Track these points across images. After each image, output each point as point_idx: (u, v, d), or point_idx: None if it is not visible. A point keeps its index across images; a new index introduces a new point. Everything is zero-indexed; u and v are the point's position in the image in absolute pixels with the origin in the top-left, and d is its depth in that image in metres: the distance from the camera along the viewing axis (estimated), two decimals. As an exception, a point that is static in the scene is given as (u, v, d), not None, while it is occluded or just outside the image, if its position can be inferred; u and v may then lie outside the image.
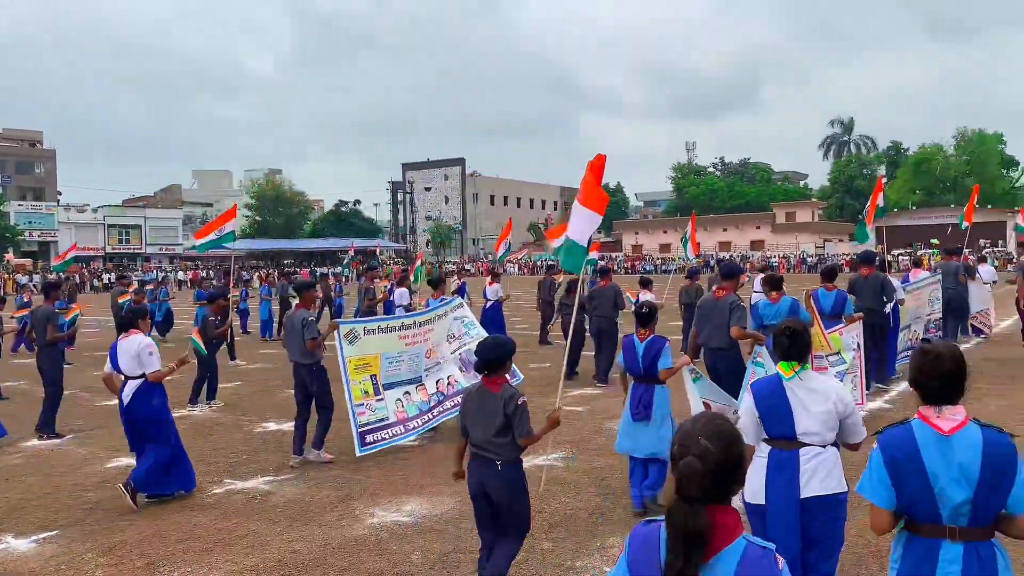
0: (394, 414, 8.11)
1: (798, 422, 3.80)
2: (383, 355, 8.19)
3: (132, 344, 6.74)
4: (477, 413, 4.46)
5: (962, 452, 2.71)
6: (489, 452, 4.38)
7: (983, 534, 2.72)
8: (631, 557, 2.10)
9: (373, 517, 6.18)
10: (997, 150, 77.31)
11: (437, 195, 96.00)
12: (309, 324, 7.89)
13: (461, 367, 9.00)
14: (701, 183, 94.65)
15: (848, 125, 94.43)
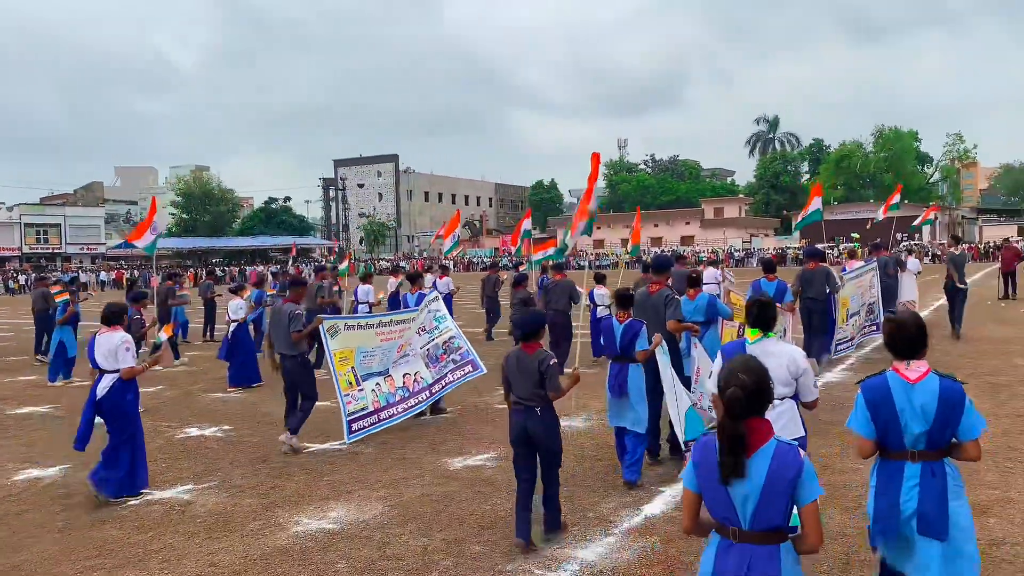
0: (372, 403, 8.52)
1: None
2: (358, 349, 8.55)
3: (112, 340, 6.80)
4: (517, 372, 5.41)
5: (923, 395, 3.53)
6: (531, 401, 5.36)
7: (936, 456, 3.57)
8: (696, 459, 2.96)
9: (297, 525, 5.96)
10: (913, 147, 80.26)
11: (370, 192, 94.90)
12: (295, 317, 8.27)
13: (427, 363, 9.23)
14: (633, 180, 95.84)
15: (773, 123, 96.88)
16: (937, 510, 3.50)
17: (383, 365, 8.77)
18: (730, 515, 2.89)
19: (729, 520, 2.90)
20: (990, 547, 5.07)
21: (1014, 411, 8.62)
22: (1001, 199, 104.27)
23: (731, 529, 2.90)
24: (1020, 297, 21.95)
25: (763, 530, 2.86)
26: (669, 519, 5.78)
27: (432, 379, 9.17)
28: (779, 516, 2.84)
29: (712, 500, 2.93)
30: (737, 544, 2.89)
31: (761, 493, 2.81)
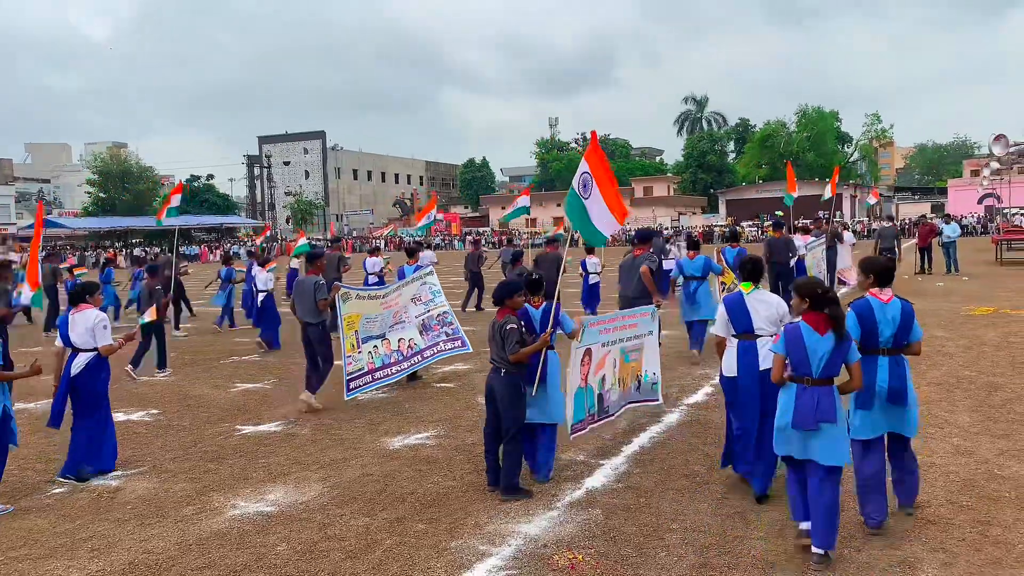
0: (367, 364, 9.02)
1: (754, 321, 5.65)
2: (364, 315, 9.11)
3: (87, 318, 6.83)
4: (489, 335, 5.95)
5: (892, 310, 5.00)
6: (497, 363, 5.86)
7: (897, 351, 5.02)
8: (787, 336, 4.70)
9: (234, 509, 5.81)
10: (834, 127, 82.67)
11: (297, 169, 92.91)
12: (320, 287, 9.02)
13: (421, 331, 9.67)
14: (564, 158, 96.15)
15: (702, 102, 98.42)
16: (901, 385, 4.98)
17: (380, 329, 9.29)
18: (807, 369, 4.62)
19: (807, 371, 4.62)
20: (916, 509, 5.28)
21: (934, 380, 8.99)
22: (916, 178, 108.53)
23: (806, 378, 4.63)
24: (935, 271, 22.91)
25: (825, 377, 4.62)
26: (610, 491, 5.85)
27: (424, 346, 9.61)
28: (836, 369, 4.65)
29: (796, 360, 4.67)
30: (810, 387, 4.62)
31: (830, 354, 4.59)
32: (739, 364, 5.64)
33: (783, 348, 4.71)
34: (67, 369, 6.78)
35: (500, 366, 5.82)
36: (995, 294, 17.19)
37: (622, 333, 6.91)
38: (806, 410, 4.57)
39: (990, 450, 6.46)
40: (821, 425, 4.57)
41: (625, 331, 6.95)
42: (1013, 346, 10.88)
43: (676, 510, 5.45)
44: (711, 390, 9.04)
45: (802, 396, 4.60)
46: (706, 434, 7.23)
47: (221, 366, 12.09)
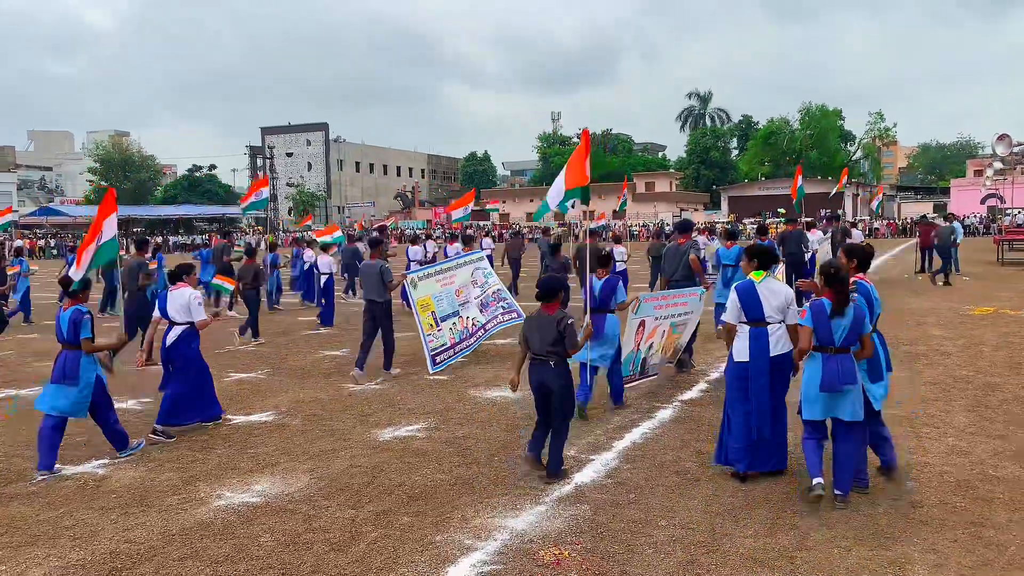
0: (449, 340, 10.22)
1: (765, 309, 5.84)
2: (432, 296, 10.24)
3: (183, 295, 7.68)
4: (536, 329, 6.09)
5: (875, 291, 5.73)
6: (545, 356, 6.01)
7: (848, 350, 5.36)
8: (812, 310, 5.31)
9: (219, 499, 5.76)
10: (837, 125, 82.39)
11: (299, 161, 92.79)
12: (386, 270, 9.92)
13: (480, 309, 10.94)
14: (566, 153, 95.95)
15: (706, 98, 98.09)
16: (877, 361, 5.62)
17: (452, 307, 10.46)
18: (830, 339, 5.29)
19: (830, 341, 5.29)
20: (909, 509, 5.22)
21: (930, 379, 8.92)
22: (918, 177, 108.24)
23: (830, 348, 5.29)
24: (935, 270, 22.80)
25: (845, 346, 5.29)
26: (599, 487, 5.79)
27: (485, 320, 10.89)
28: (855, 339, 5.31)
29: (821, 331, 5.31)
30: (833, 356, 5.29)
31: (850, 326, 5.27)
32: (751, 350, 5.82)
33: (811, 321, 5.34)
34: (164, 340, 7.71)
35: (549, 358, 5.99)
36: (996, 294, 17.10)
37: (674, 309, 8.65)
38: (832, 375, 5.23)
39: (986, 451, 6.39)
40: (845, 387, 5.24)
41: (677, 308, 8.68)
42: (1012, 346, 10.80)
43: (665, 507, 5.39)
44: (705, 387, 8.97)
45: (828, 363, 5.27)
46: (699, 431, 7.17)
47: (217, 355, 12.01)
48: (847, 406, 5.29)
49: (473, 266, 11.12)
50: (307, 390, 9.30)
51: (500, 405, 8.32)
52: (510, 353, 11.28)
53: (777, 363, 5.77)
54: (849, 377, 5.24)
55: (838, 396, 5.28)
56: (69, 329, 6.63)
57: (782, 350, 5.81)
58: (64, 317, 6.68)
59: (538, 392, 6.08)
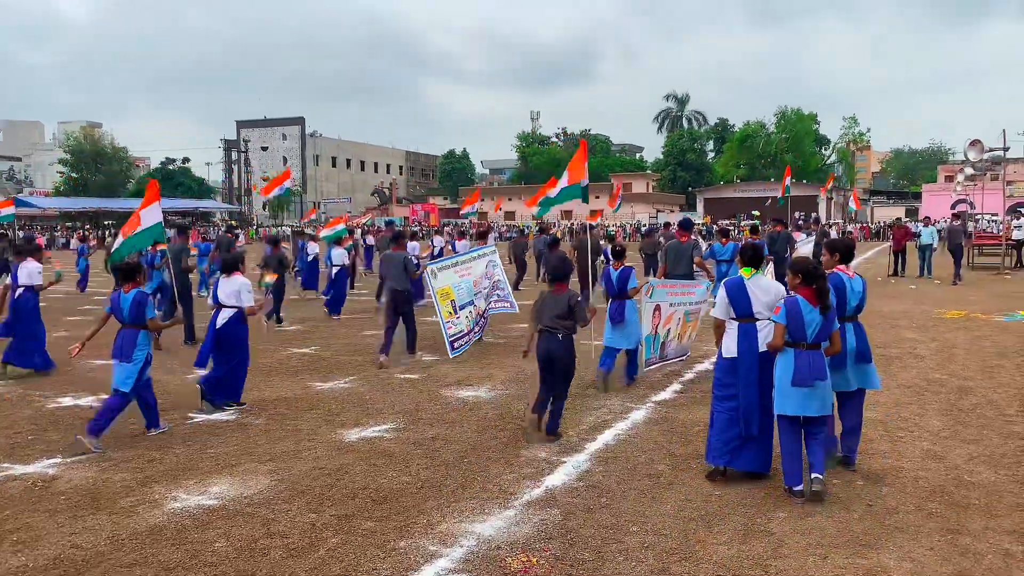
0: (466, 327, 10.81)
1: (754, 305, 5.86)
2: (453, 285, 10.81)
3: (235, 283, 8.18)
4: (547, 305, 6.86)
5: (856, 283, 6.03)
6: (554, 329, 6.76)
7: (857, 318, 6.01)
8: (787, 308, 5.40)
9: (174, 502, 5.52)
10: (812, 129, 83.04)
11: (275, 155, 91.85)
12: (409, 261, 10.79)
13: (485, 299, 11.48)
14: (545, 152, 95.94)
15: (683, 100, 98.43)
16: (865, 347, 6.01)
17: (469, 296, 11.02)
18: (802, 335, 5.40)
19: (802, 338, 5.40)
20: (885, 515, 5.11)
21: (904, 382, 8.87)
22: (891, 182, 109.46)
23: (802, 344, 5.41)
24: (908, 274, 22.96)
25: (816, 342, 5.42)
26: (570, 490, 5.62)
27: (484, 307, 11.45)
28: (825, 336, 5.45)
29: (794, 328, 5.40)
30: (805, 351, 5.40)
31: (820, 324, 5.39)
32: (739, 346, 5.84)
33: (784, 318, 5.41)
34: (212, 322, 8.15)
35: (559, 331, 6.79)
36: (966, 298, 17.20)
37: (684, 298, 9.45)
38: (804, 370, 5.36)
39: (960, 455, 6.32)
40: (816, 382, 5.37)
41: (687, 296, 9.49)
42: (984, 350, 10.81)
43: (637, 511, 5.24)
44: (679, 387, 8.85)
45: (799, 359, 5.38)
46: (672, 433, 7.03)
47: (184, 350, 11.71)
48: (816, 401, 5.42)
49: (487, 259, 11.76)
50: (273, 388, 9.06)
51: (472, 405, 8.14)
52: (483, 353, 11.11)
53: (766, 359, 5.73)
54: (819, 373, 5.38)
55: (810, 392, 5.39)
56: (132, 309, 7.05)
57: None
58: (127, 298, 7.09)
59: (545, 360, 6.80)
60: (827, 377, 5.44)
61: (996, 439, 6.74)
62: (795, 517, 5.10)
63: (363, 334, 13.17)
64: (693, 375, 9.49)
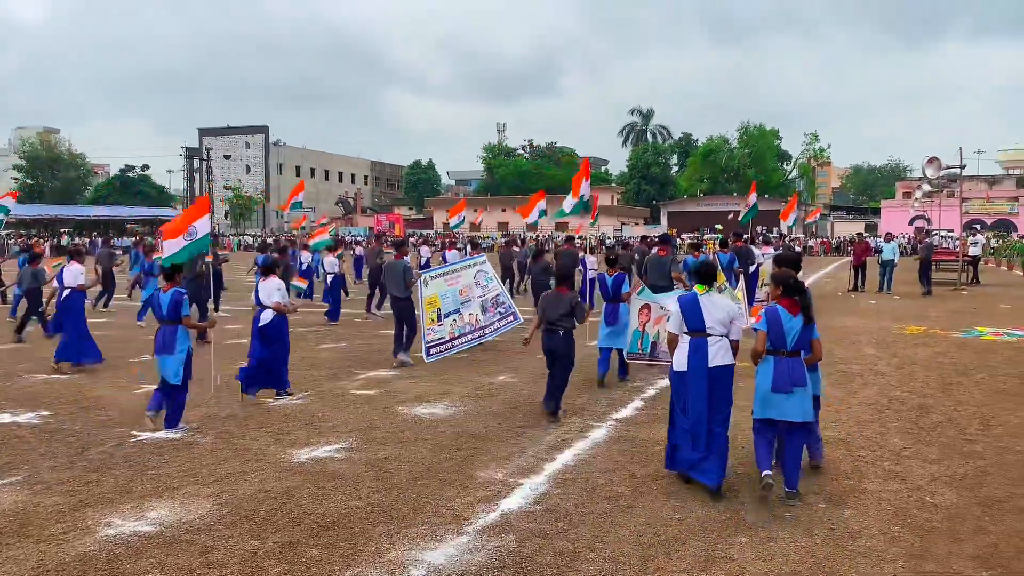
0: (448, 334, 11.15)
1: (706, 320, 5.93)
2: (440, 294, 11.19)
3: (272, 284, 9.12)
4: (551, 305, 7.92)
5: (798, 320, 5.67)
6: (556, 326, 7.88)
7: (798, 354, 5.67)
8: (767, 317, 5.65)
9: (108, 528, 5.21)
10: (774, 145, 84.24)
11: (238, 164, 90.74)
12: (408, 269, 11.37)
13: (483, 309, 11.81)
14: (511, 164, 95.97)
15: (648, 115, 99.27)
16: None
17: (455, 305, 11.38)
18: (782, 343, 5.60)
19: (782, 345, 5.60)
20: (848, 540, 4.99)
21: (866, 400, 8.82)
22: (851, 197, 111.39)
23: (782, 351, 5.60)
24: (868, 289, 23.19)
25: (796, 350, 5.62)
26: (526, 514, 5.42)
27: (485, 323, 11.76)
28: (804, 344, 5.66)
29: (774, 336, 5.62)
30: (784, 358, 5.59)
31: (800, 331, 5.60)
32: (689, 360, 5.91)
33: (765, 326, 5.66)
34: (256, 320, 9.10)
35: (559, 328, 7.90)
36: (925, 313, 17.37)
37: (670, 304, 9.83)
38: (783, 376, 5.54)
39: (922, 475, 6.24)
40: (794, 389, 5.55)
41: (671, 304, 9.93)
42: (943, 366, 10.85)
43: (595, 536, 5.05)
44: (640, 404, 8.71)
45: (779, 366, 5.59)
46: (632, 452, 6.87)
47: (130, 364, 11.32)
48: (796, 407, 5.60)
49: (476, 268, 12.12)
50: (223, 405, 8.72)
51: (428, 423, 7.91)
52: (443, 368, 10.88)
53: (716, 374, 5.85)
54: (799, 379, 5.58)
55: (788, 397, 5.58)
56: (170, 308, 7.71)
57: (721, 361, 5.90)
58: (165, 298, 7.77)
59: (549, 354, 8.01)
60: (806, 384, 5.62)
61: (957, 459, 6.69)
62: (757, 542, 4.96)
63: (319, 347, 12.86)
64: (655, 391, 9.35)
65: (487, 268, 12.29)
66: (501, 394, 9.22)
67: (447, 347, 11.10)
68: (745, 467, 6.42)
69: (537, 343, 8.19)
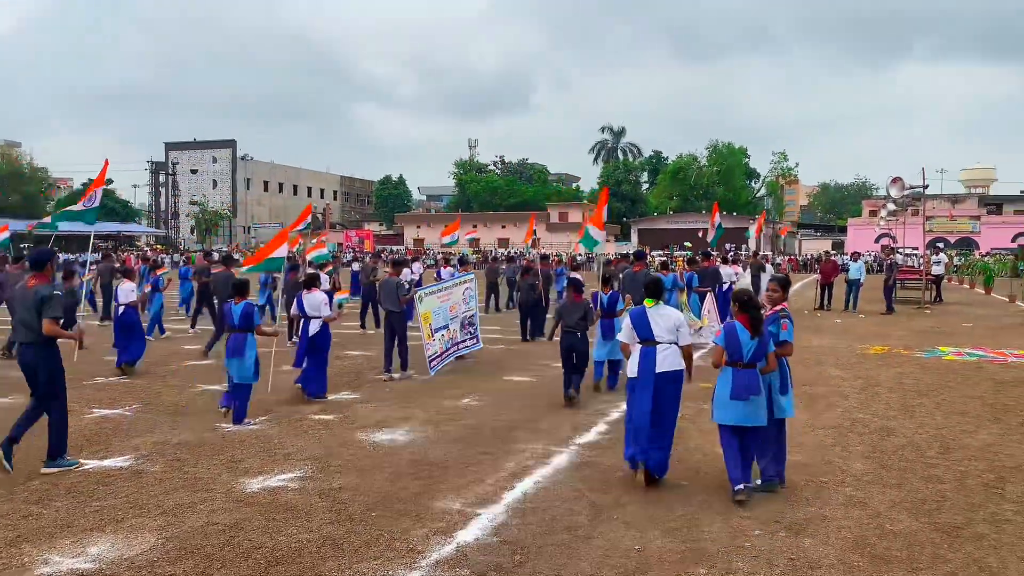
0: (439, 349, 11.81)
1: (654, 330, 6.71)
2: (432, 311, 11.74)
3: (316, 298, 10.17)
4: (568, 310, 9.75)
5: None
6: (574, 328, 9.69)
7: (754, 365, 6.21)
8: (725, 332, 6.29)
9: (45, 566, 4.98)
10: (742, 163, 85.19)
11: (204, 178, 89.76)
12: (400, 286, 11.74)
13: (460, 326, 12.54)
14: (482, 180, 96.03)
15: (619, 133, 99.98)
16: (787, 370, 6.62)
17: (444, 321, 12.01)
18: (739, 355, 6.15)
19: (739, 358, 6.15)
20: (807, 570, 4.92)
21: (829, 423, 8.81)
22: (818, 215, 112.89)
23: (739, 363, 6.14)
24: (834, 307, 23.38)
25: (752, 362, 6.15)
26: (483, 547, 5.28)
27: (459, 339, 12.47)
28: (761, 356, 6.18)
29: (731, 349, 6.18)
30: (741, 370, 6.13)
31: (757, 345, 6.13)
32: (639, 366, 6.67)
33: (723, 341, 6.23)
34: (304, 330, 10.14)
35: (577, 330, 9.70)
36: (889, 332, 17.52)
37: None
38: (740, 386, 6.09)
39: (882, 501, 6.21)
40: (751, 397, 6.09)
41: None
42: (905, 387, 10.90)
43: (553, 570, 4.93)
44: (604, 428, 8.62)
45: (736, 376, 6.13)
46: (593, 479, 6.77)
47: (83, 387, 11.01)
48: (752, 414, 6.17)
49: (465, 286, 12.89)
50: (176, 430, 8.49)
51: (387, 450, 7.74)
52: (407, 393, 10.71)
53: (663, 378, 6.58)
54: (755, 389, 6.12)
55: (745, 404, 6.13)
56: (241, 318, 8.75)
57: (669, 367, 6.62)
58: (237, 309, 8.81)
59: (567, 352, 9.73)
60: (761, 393, 6.17)
61: (917, 483, 6.68)
62: (717, 574, 4.87)
63: (279, 370, 12.61)
64: (619, 414, 9.27)
65: (472, 286, 13.05)
66: (463, 418, 9.08)
67: (440, 360, 11.79)
68: (706, 495, 6.35)
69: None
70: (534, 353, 14.29)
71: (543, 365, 12.89)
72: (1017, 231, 64.52)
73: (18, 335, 7.07)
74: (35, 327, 6.80)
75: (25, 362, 6.92)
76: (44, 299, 6.75)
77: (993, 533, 5.58)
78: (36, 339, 6.82)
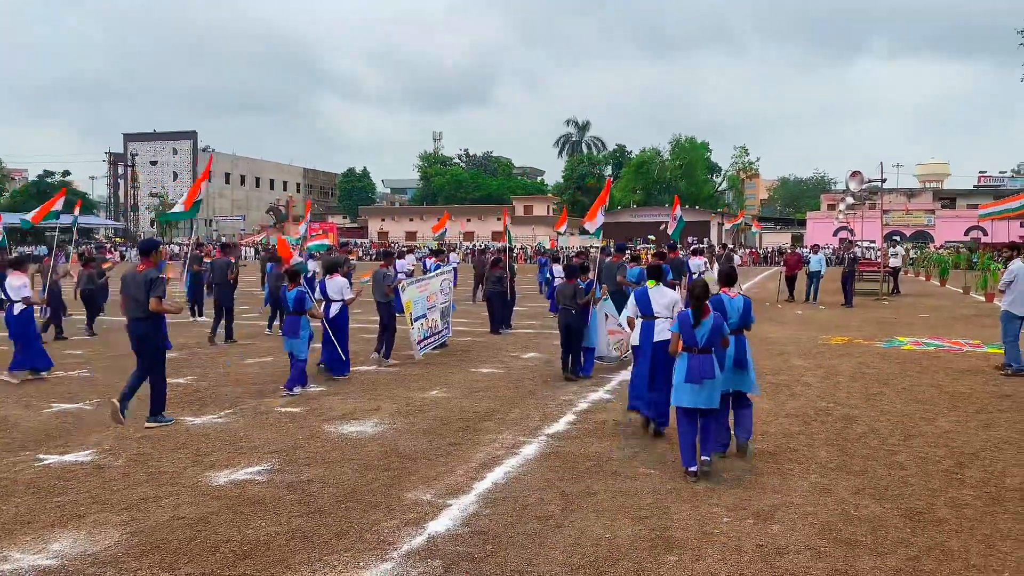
0: (418, 336, 12.46)
1: (654, 307, 7.92)
2: (413, 300, 12.38)
3: (338, 282, 11.16)
4: (565, 292, 10.75)
5: (737, 303, 7.19)
6: (570, 306, 10.65)
7: (739, 333, 7.13)
8: (679, 320, 6.71)
9: (4, 563, 4.86)
10: (704, 157, 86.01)
11: (164, 170, 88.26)
12: (387, 276, 12.42)
13: (441, 316, 13.43)
14: (447, 173, 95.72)
15: (583, 126, 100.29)
16: (742, 356, 7.09)
17: (423, 310, 12.72)
18: (693, 341, 6.56)
19: (694, 344, 6.55)
20: (775, 556, 4.99)
21: (793, 411, 8.94)
22: (778, 209, 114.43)
23: (694, 348, 6.55)
24: (796, 299, 23.74)
25: (706, 347, 6.55)
26: (454, 537, 5.27)
27: (439, 328, 13.35)
28: (716, 340, 6.59)
29: (686, 336, 6.59)
30: (696, 355, 6.53)
31: (709, 331, 6.54)
32: (641, 336, 7.99)
33: (678, 328, 6.72)
34: (326, 312, 11.00)
35: (574, 308, 10.62)
36: (849, 323, 17.84)
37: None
38: (694, 370, 6.51)
39: (847, 488, 6.32)
40: (704, 381, 6.50)
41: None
42: (867, 377, 11.10)
43: (524, 559, 4.93)
44: (573, 418, 8.64)
45: (691, 361, 6.55)
46: (564, 468, 6.79)
47: (41, 380, 10.78)
48: (706, 396, 6.57)
49: (442, 277, 13.76)
50: (138, 423, 8.33)
51: (355, 442, 7.68)
52: (374, 384, 10.64)
53: (659, 345, 7.72)
54: (708, 372, 6.53)
55: (700, 388, 6.53)
56: (295, 302, 9.95)
57: (663, 337, 7.70)
58: (291, 295, 9.98)
59: (564, 328, 10.72)
60: (716, 376, 6.58)
61: (880, 470, 6.80)
62: (686, 561, 4.91)
63: (245, 363, 12.46)
64: (587, 404, 9.32)
65: (450, 278, 14.01)
66: (432, 410, 9.05)
67: (421, 346, 12.52)
68: (675, 483, 6.40)
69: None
70: (502, 345, 14.32)
71: (512, 356, 12.91)
72: (970, 224, 66.04)
73: (129, 311, 8.22)
74: (144, 304, 8.06)
75: (137, 334, 8.18)
76: (152, 281, 8.06)
77: (954, 517, 5.70)
78: (145, 314, 8.07)
